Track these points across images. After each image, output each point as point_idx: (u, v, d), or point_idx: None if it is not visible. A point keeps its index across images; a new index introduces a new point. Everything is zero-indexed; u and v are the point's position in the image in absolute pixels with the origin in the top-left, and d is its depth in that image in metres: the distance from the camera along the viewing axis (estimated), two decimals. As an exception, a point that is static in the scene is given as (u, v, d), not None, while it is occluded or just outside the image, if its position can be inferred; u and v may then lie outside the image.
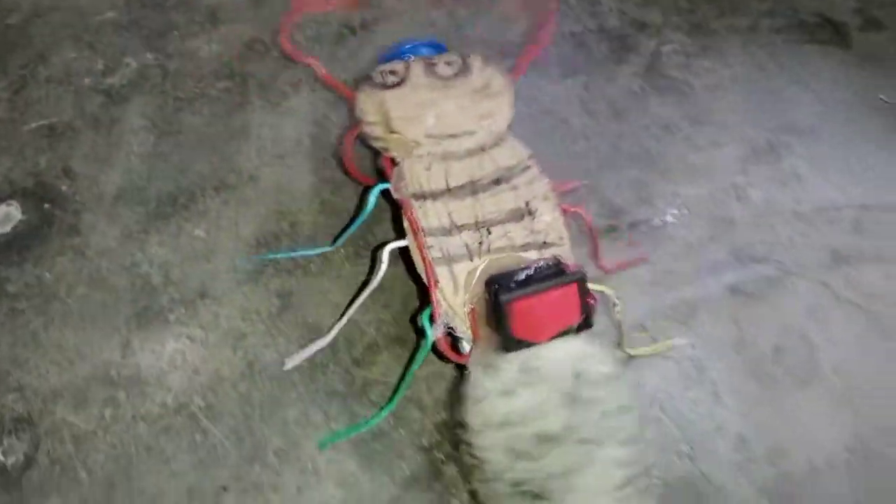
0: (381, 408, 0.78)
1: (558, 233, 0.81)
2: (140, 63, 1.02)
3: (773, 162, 1.01)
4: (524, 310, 0.71)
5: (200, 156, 0.95)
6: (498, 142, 0.87)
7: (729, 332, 0.89)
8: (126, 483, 0.76)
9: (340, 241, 0.87)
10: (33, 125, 0.95)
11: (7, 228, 0.88)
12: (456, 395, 0.76)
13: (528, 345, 0.72)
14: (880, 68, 1.13)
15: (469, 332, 0.76)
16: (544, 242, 0.80)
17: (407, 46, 0.94)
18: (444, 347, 0.77)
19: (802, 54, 1.12)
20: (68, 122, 0.97)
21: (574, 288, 0.73)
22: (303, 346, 0.83)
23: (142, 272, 0.87)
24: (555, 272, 0.74)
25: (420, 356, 0.77)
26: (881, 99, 1.10)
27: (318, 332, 0.85)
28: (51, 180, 0.92)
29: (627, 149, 1.00)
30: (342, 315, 0.81)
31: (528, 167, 0.85)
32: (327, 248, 0.87)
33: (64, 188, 0.92)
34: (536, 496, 0.68)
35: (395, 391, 0.79)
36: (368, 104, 0.87)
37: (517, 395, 0.71)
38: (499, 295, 0.72)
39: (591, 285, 0.75)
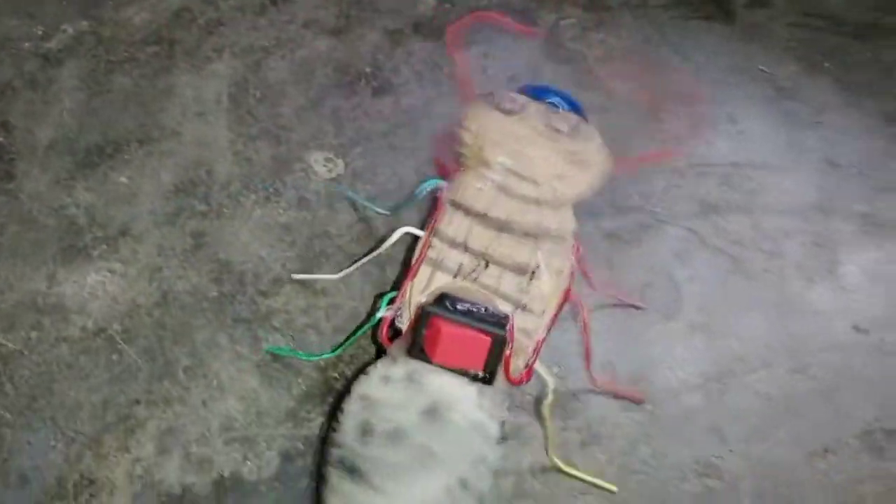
0: (322, 353, 0.88)
1: (542, 306, 0.84)
2: (76, 30, 1.11)
3: (653, 127, 1.11)
4: (435, 328, 0.77)
5: (128, 113, 1.04)
6: (556, 205, 0.90)
7: (602, 272, 0.99)
8: (48, 396, 0.84)
9: (398, 210, 0.97)
10: (-27, 83, 1.03)
11: (-55, 178, 0.97)
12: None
13: (426, 359, 0.78)
14: (762, 42, 1.24)
15: (405, 326, 0.82)
16: (524, 305, 0.84)
17: (548, 91, 0.97)
18: (383, 327, 0.83)
19: (688, 29, 1.23)
20: (7, 81, 1.05)
21: (487, 341, 0.77)
22: (215, 279, 0.93)
23: (69, 213, 0.95)
24: (490, 321, 0.79)
25: (366, 326, 0.87)
26: (760, 69, 1.20)
27: (228, 269, 0.94)
28: (-11, 133, 1.01)
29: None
30: (355, 262, 0.92)
31: (563, 239, 0.88)
32: (387, 211, 0.97)
33: (1, 140, 1.00)
34: (356, 479, 0.74)
35: (342, 345, 0.88)
36: (476, 116, 0.92)
37: (392, 388, 0.78)
38: (429, 306, 0.79)
39: (538, 365, 0.83)
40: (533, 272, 0.86)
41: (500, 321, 0.79)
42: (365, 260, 0.92)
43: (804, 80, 1.20)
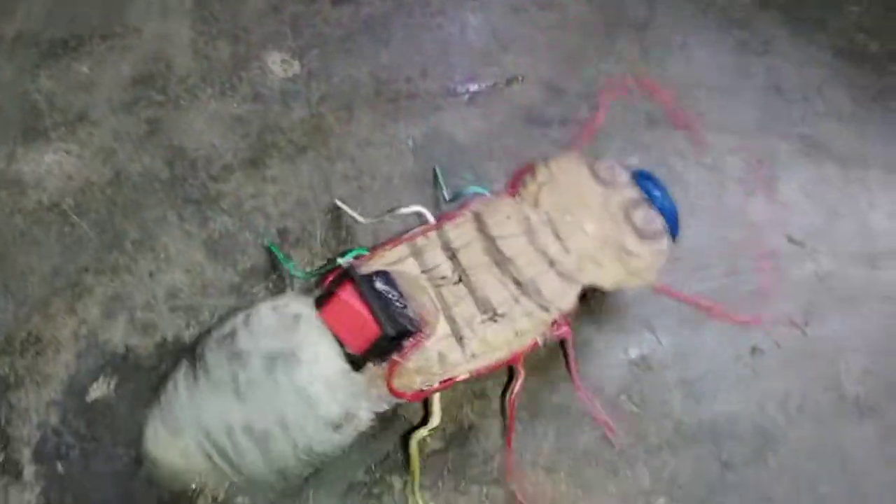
0: (305, 273, 0.88)
1: (478, 350, 0.77)
2: (46, -68, 1.14)
3: (608, 48, 1.15)
4: (343, 289, 0.73)
5: (93, 10, 1.07)
6: (568, 279, 0.81)
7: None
8: (1, 262, 0.87)
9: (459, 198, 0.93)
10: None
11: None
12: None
13: (317, 309, 0.73)
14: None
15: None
16: (461, 338, 0.77)
17: (655, 185, 0.87)
18: (332, 275, 0.77)
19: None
20: (-24, -24, 1.08)
21: (375, 330, 0.71)
22: (167, 163, 0.96)
23: (31, 99, 0.98)
24: (394, 316, 0.72)
25: (322, 267, 0.87)
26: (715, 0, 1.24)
27: (181, 154, 0.97)
28: (-43, 24, 1.04)
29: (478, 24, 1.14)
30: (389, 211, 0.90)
31: (548, 310, 0.79)
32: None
33: (-31, 31, 1.03)
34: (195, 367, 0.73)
35: (318, 270, 0.88)
36: (564, 163, 0.86)
37: (275, 316, 0.73)
38: (353, 270, 0.74)
39: (435, 398, 0.81)
40: (493, 316, 0.78)
41: (405, 324, 0.72)
42: (385, 216, 0.91)
43: (756, 12, 1.23)
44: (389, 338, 0.71)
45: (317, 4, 1.11)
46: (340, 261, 0.81)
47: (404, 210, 0.88)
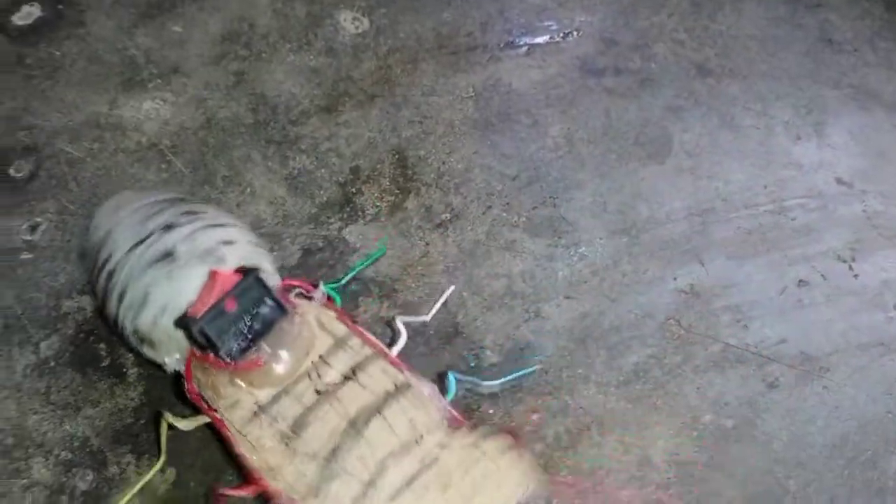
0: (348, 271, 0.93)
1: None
2: None
3: (659, 2, 1.21)
4: (227, 273, 0.77)
5: (183, -25, 1.18)
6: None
7: (600, 121, 1.09)
8: (106, 194, 0.98)
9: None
10: (52, -51, 1.18)
11: (29, 21, 1.11)
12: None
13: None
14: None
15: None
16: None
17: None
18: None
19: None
20: (81, -53, 1.20)
21: (198, 312, 0.75)
22: (252, 109, 1.05)
23: (129, 54, 1.09)
24: (234, 326, 0.76)
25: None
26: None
27: (263, 101, 1.07)
28: (64, -13, 1.16)
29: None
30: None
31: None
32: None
33: (74, -7, 1.15)
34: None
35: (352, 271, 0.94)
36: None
37: None
38: (262, 277, 0.78)
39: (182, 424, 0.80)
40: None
41: (216, 341, 0.75)
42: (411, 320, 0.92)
43: (808, -33, 1.27)
44: (201, 332, 0.74)
45: (385, -34, 1.20)
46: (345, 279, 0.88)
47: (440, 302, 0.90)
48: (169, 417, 0.80)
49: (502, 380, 0.88)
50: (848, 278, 0.99)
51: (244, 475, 0.76)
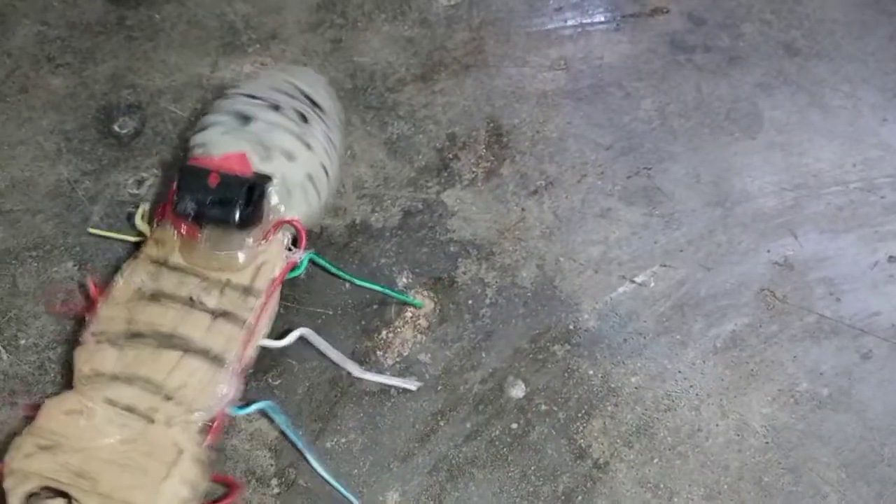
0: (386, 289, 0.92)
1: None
2: None
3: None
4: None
5: (278, -55, 1.20)
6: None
7: (691, 95, 1.10)
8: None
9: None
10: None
11: (129, -16, 1.14)
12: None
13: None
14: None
15: (278, 235, 0.84)
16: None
17: None
18: (301, 245, 0.84)
19: None
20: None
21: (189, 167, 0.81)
22: (349, 76, 1.07)
23: (228, 19, 1.12)
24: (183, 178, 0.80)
25: (332, 268, 0.90)
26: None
27: (360, 68, 1.09)
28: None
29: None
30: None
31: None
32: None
33: (173, -41, 1.18)
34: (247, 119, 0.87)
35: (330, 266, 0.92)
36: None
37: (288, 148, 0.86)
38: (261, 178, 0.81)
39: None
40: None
41: (190, 209, 0.80)
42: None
43: (892, -46, 1.27)
44: (177, 180, 0.81)
45: (477, -60, 1.21)
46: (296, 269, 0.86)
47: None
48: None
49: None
50: (937, 256, 1.00)
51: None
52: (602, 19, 1.15)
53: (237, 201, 0.79)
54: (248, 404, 0.79)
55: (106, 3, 1.12)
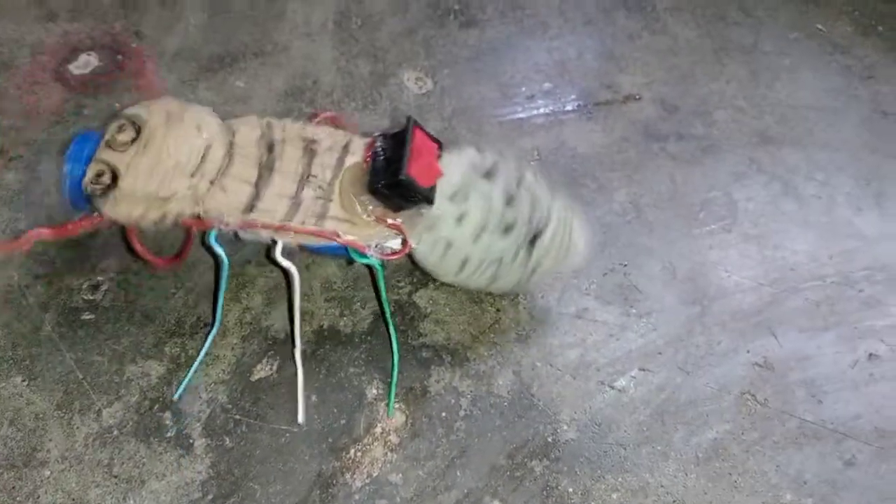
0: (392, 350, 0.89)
1: (337, 134, 0.86)
2: (200, -39, 1.25)
3: (717, 70, 1.21)
4: (417, 169, 0.78)
5: (245, 29, 1.17)
6: (233, 132, 0.85)
7: (665, 186, 1.09)
8: (172, 248, 0.96)
9: (219, 317, 0.90)
10: (112, -1, 1.18)
11: (87, 71, 1.10)
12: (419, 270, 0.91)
13: (435, 183, 0.81)
14: (818, 3, 1.33)
15: (388, 231, 0.82)
16: (344, 145, 0.84)
17: (78, 149, 0.83)
18: (390, 257, 0.83)
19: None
20: (140, -1, 1.20)
21: (417, 129, 0.81)
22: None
23: (192, 109, 1.08)
24: (396, 138, 0.81)
25: (381, 281, 0.85)
26: (818, 28, 1.30)
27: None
28: (124, 39, 1.14)
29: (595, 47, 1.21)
30: (292, 336, 0.90)
31: (270, 123, 0.87)
32: (215, 330, 0.90)
33: (134, 45, 1.14)
34: (533, 240, 0.85)
35: (383, 312, 0.91)
36: (120, 207, 0.80)
37: (467, 210, 0.82)
38: (398, 179, 0.77)
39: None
40: (311, 141, 0.85)
41: (387, 132, 0.84)
42: (297, 303, 0.86)
43: (858, 39, 1.29)
44: (415, 121, 0.82)
45: (447, 28, 1.20)
46: (373, 258, 0.83)
47: (279, 257, 0.83)
48: None
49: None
50: (918, 354, 0.99)
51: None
52: (574, 107, 1.14)
53: (399, 176, 0.77)
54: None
55: (64, 90, 1.07)
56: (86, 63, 1.11)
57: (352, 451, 0.85)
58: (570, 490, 0.85)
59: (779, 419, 0.92)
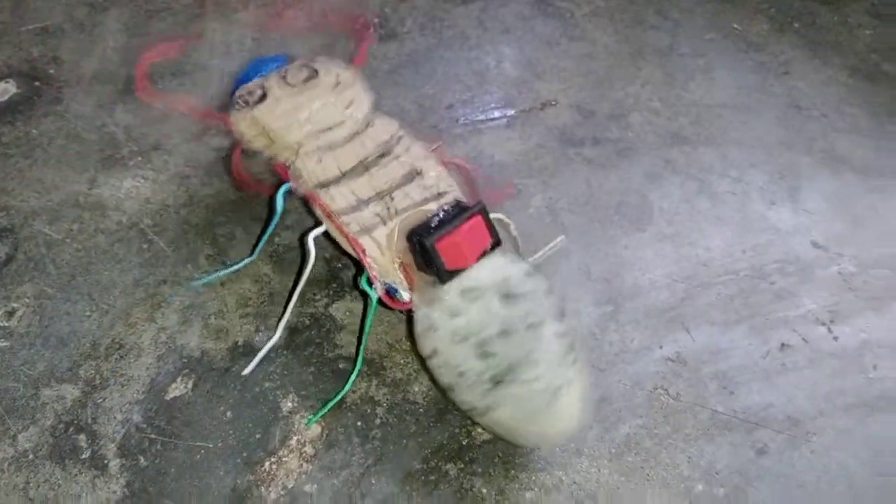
0: (350, 373, 0.90)
1: (447, 182, 0.89)
2: (120, -16, 1.26)
3: (633, 73, 1.24)
4: (448, 246, 0.80)
5: (163, 51, 1.18)
6: (368, 123, 0.93)
7: (581, 190, 1.11)
8: (86, 275, 0.97)
9: (257, 251, 0.98)
10: (31, 26, 1.18)
11: (4, 98, 1.11)
12: (411, 336, 0.88)
13: (459, 272, 0.81)
14: (734, 3, 1.36)
15: (404, 281, 0.84)
16: (438, 193, 0.87)
17: (257, 66, 0.97)
18: (388, 301, 0.87)
19: (666, -10, 1.36)
20: (59, 24, 1.20)
21: (479, 217, 0.82)
22: (234, 186, 1.05)
23: (109, 131, 1.09)
24: (460, 210, 0.83)
25: (370, 315, 0.89)
26: (734, 27, 1.33)
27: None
28: (41, 66, 1.15)
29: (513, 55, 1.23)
30: (284, 308, 0.94)
31: (401, 136, 0.93)
32: (249, 260, 0.98)
33: (52, 71, 1.15)
34: (507, 382, 0.79)
35: (357, 354, 0.91)
36: (243, 125, 0.92)
37: (465, 312, 0.82)
38: (424, 241, 0.80)
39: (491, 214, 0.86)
40: (417, 171, 0.89)
41: (463, 205, 0.84)
42: (302, 283, 0.91)
43: (773, 37, 1.31)
44: (485, 209, 0.84)
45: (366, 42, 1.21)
46: (377, 293, 0.86)
47: (312, 247, 0.87)
48: None
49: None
50: (828, 341, 1.01)
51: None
52: (493, 116, 1.15)
53: (425, 241, 0.80)
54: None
55: (-21, 119, 1.08)
56: (3, 91, 1.11)
57: (266, 463, 0.86)
58: (485, 491, 0.86)
59: (691, 412, 0.93)
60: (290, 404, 0.90)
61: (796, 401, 0.96)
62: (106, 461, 0.85)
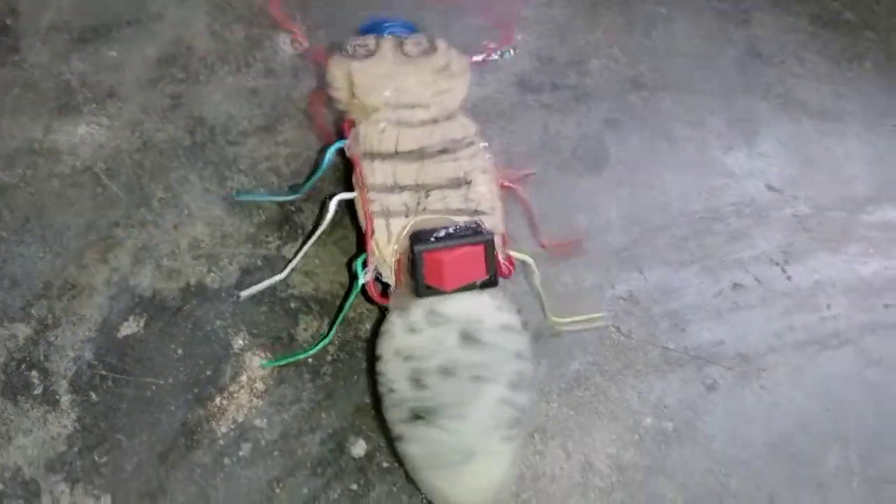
0: (320, 339, 0.90)
1: (491, 203, 0.87)
2: (77, -63, 1.25)
3: (593, 21, 1.24)
4: (434, 260, 0.79)
5: (118, 1, 1.18)
6: (450, 116, 0.92)
7: (538, 135, 1.11)
8: (39, 219, 0.97)
9: (302, 191, 0.99)
10: (-15, -23, 1.18)
11: (-40, 50, 1.10)
12: (376, 331, 0.87)
13: (437, 292, 0.79)
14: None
15: (392, 278, 0.84)
16: (476, 210, 0.86)
17: (384, 24, 1.00)
18: (371, 290, 0.86)
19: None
20: (14, -24, 1.19)
21: (481, 248, 0.80)
22: (189, 132, 1.05)
23: (64, 79, 1.08)
24: (470, 233, 0.81)
25: (352, 296, 0.89)
26: None
27: (201, 123, 1.06)
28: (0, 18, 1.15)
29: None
30: (295, 255, 0.95)
31: (472, 142, 0.91)
32: (292, 197, 0.99)
33: (9, 22, 1.14)
34: (428, 421, 0.77)
35: (331, 326, 0.91)
36: (338, 72, 0.94)
37: (421, 333, 0.79)
38: (414, 245, 0.79)
39: (513, 252, 0.87)
40: (466, 180, 0.89)
41: (477, 229, 0.82)
42: (312, 240, 0.93)
43: (735, -15, 1.31)
44: (491, 242, 0.82)
45: (324, -11, 1.21)
46: (363, 278, 0.86)
47: (332, 207, 0.90)
48: None
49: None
50: (781, 280, 1.02)
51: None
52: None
53: (413, 248, 0.80)
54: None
55: (-66, 68, 1.08)
56: (-41, 42, 1.11)
57: (217, 399, 0.86)
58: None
59: (642, 349, 0.94)
60: (241, 342, 0.90)
61: (748, 338, 0.97)
62: (58, 397, 0.86)
